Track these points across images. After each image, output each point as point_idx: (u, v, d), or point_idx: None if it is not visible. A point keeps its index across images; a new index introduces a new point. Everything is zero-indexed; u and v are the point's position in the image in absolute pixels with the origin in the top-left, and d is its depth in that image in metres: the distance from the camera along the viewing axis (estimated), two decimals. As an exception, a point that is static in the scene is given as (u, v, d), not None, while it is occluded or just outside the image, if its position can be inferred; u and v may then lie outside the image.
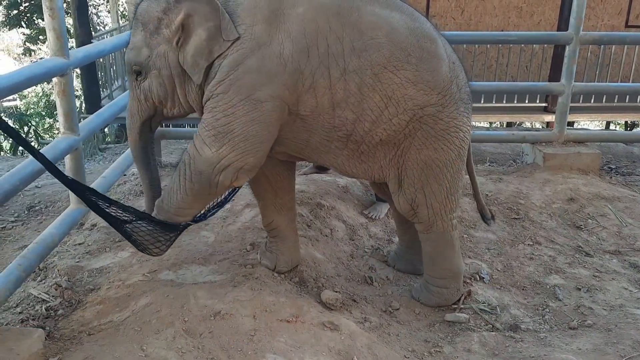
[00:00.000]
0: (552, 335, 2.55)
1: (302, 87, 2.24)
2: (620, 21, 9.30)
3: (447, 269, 2.67)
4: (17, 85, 2.23)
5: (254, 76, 2.18)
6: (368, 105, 2.30)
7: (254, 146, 2.24)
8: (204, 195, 2.36)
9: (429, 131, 2.39)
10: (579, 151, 4.14)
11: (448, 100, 2.38)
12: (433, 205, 2.52)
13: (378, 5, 2.32)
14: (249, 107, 2.18)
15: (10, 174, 2.25)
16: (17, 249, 3.15)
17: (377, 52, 2.25)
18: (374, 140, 2.38)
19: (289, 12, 2.22)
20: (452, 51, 2.47)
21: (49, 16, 2.54)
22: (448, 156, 2.46)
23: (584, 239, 3.44)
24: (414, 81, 2.30)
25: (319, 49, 2.22)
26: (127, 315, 2.30)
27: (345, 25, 2.24)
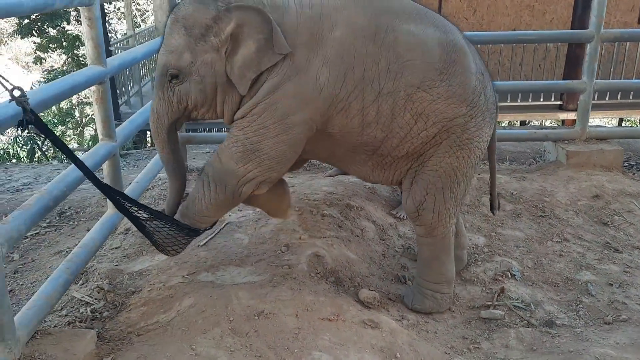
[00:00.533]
0: (587, 330, 2.58)
1: (335, 109, 2.30)
2: (633, 18, 9.30)
3: (442, 274, 2.68)
4: (62, 94, 2.30)
5: (290, 101, 2.24)
6: (398, 124, 2.35)
7: (279, 164, 2.35)
8: (227, 205, 2.47)
9: (455, 140, 2.43)
10: (601, 148, 4.16)
11: (476, 111, 2.42)
12: (439, 211, 2.54)
13: (413, 22, 2.33)
14: (280, 130, 2.26)
15: (57, 180, 2.31)
16: (53, 254, 3.22)
17: (411, 74, 2.29)
18: (400, 154, 2.45)
19: (327, 36, 2.23)
20: (481, 61, 2.50)
21: (87, 26, 2.59)
22: (467, 165, 2.49)
23: (611, 235, 3.46)
24: (446, 96, 2.34)
25: (354, 73, 2.25)
26: (172, 316, 2.35)
27: (382, 48, 2.26)
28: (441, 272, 2.67)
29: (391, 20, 2.30)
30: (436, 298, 2.68)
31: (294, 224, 3.18)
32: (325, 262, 2.82)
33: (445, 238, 2.61)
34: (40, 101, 2.05)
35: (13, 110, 1.80)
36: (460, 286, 2.92)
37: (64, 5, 2.27)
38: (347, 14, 2.27)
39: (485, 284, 2.95)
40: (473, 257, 3.16)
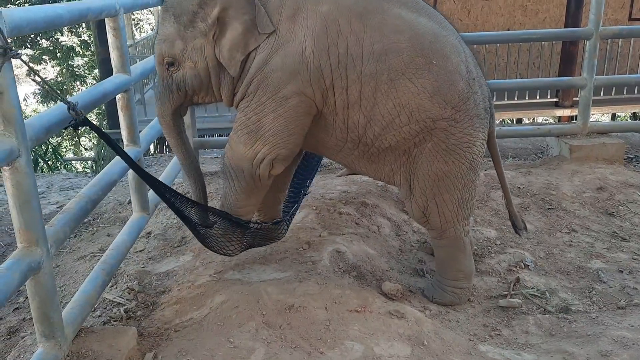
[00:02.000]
0: (602, 315, 2.68)
1: (324, 84, 2.29)
2: (623, 15, 9.48)
3: (459, 271, 2.71)
4: (96, 101, 2.38)
5: (279, 74, 2.26)
6: (380, 111, 2.31)
7: (284, 139, 2.36)
8: (252, 190, 2.52)
9: (439, 144, 2.40)
10: (603, 142, 4.29)
11: (462, 116, 2.37)
12: (445, 214, 2.55)
13: (406, 8, 2.31)
14: (276, 104, 2.29)
15: (92, 184, 2.39)
16: (77, 259, 3.30)
17: (396, 56, 2.24)
18: (383, 145, 2.41)
19: (312, 9, 2.26)
20: (475, 65, 2.46)
21: (113, 36, 2.68)
22: (459, 169, 2.46)
23: (617, 225, 3.58)
24: (432, 92, 2.28)
25: (338, 49, 2.24)
26: (206, 312, 2.44)
27: (367, 27, 2.24)
28: (459, 269, 2.70)
29: (381, 3, 2.28)
30: (456, 293, 2.74)
31: (313, 222, 3.28)
32: (346, 257, 2.91)
33: (458, 239, 2.63)
34: (83, 107, 2.14)
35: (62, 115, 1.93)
36: (477, 277, 3.01)
37: (94, 16, 2.36)
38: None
39: (501, 274, 3.05)
40: (487, 249, 3.27)
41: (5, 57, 1.58)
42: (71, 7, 2.11)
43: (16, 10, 1.70)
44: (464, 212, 2.59)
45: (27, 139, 1.75)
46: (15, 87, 1.67)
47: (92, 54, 15.76)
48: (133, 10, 3.07)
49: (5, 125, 1.66)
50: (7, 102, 1.64)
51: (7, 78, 1.62)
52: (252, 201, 2.59)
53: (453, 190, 2.50)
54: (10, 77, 1.64)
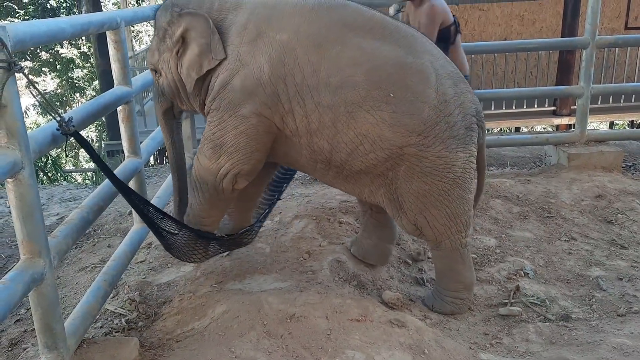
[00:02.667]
0: (602, 322, 2.69)
1: (283, 109, 2.33)
2: (619, 24, 9.55)
3: (459, 281, 2.69)
4: (96, 113, 2.40)
5: (238, 95, 2.34)
6: (342, 139, 2.32)
7: (246, 156, 2.41)
8: (216, 201, 2.59)
9: (413, 168, 2.37)
10: (601, 150, 4.32)
11: (432, 141, 2.32)
12: (437, 227, 2.53)
13: (370, 37, 2.30)
14: (237, 122, 2.36)
15: (93, 196, 2.41)
16: (78, 271, 3.31)
17: (352, 90, 2.24)
18: (353, 169, 2.41)
19: (273, 37, 2.30)
20: (454, 84, 2.38)
21: (114, 48, 2.71)
22: (441, 187, 2.42)
23: (616, 232, 3.59)
24: (390, 123, 2.27)
25: (295, 79, 2.28)
26: (207, 322, 2.45)
27: (324, 59, 2.25)
28: (458, 280, 2.69)
29: (343, 33, 2.29)
30: (456, 303, 2.74)
31: (313, 232, 3.29)
32: (346, 267, 2.93)
33: (454, 250, 2.60)
34: (81, 120, 2.17)
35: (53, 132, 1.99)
36: (477, 286, 3.02)
37: (96, 29, 2.40)
38: (298, 20, 2.31)
39: (501, 282, 3.06)
40: (486, 258, 3.28)
41: (9, 72, 1.60)
42: (73, 20, 2.14)
43: (20, 25, 1.73)
44: (458, 226, 2.55)
45: (31, 152, 1.77)
46: (19, 100, 1.69)
47: (91, 65, 15.83)
48: (133, 23, 3.11)
49: (8, 138, 1.68)
50: (10, 115, 1.66)
51: (11, 91, 1.64)
52: (215, 212, 2.66)
53: (440, 206, 2.47)
54: (14, 90, 1.67)
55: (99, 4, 8.45)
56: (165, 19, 2.47)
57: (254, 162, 2.45)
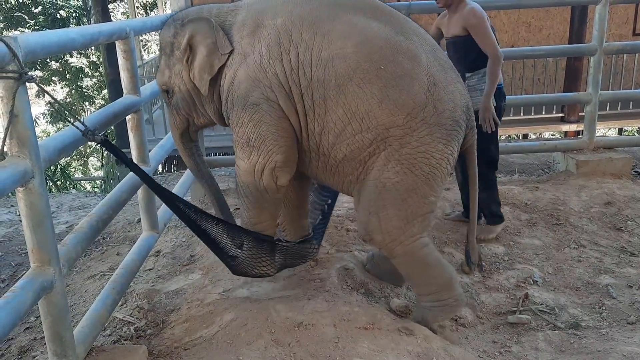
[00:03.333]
0: (612, 330, 2.68)
1: (284, 90, 2.34)
2: (627, 30, 9.51)
3: (429, 284, 2.51)
4: (106, 122, 2.42)
5: (244, 85, 2.38)
6: (331, 117, 2.29)
7: (272, 143, 2.39)
8: (263, 203, 2.55)
9: (392, 154, 2.28)
10: (610, 157, 4.30)
11: (419, 124, 2.25)
12: (389, 231, 2.37)
13: (361, 14, 2.31)
14: (251, 112, 2.37)
15: (102, 204, 2.43)
16: (87, 279, 3.32)
17: (342, 62, 2.23)
18: (338, 155, 2.36)
19: (269, 23, 2.37)
20: (445, 71, 2.34)
21: (123, 58, 2.74)
22: (412, 181, 2.30)
23: (626, 239, 3.57)
24: (380, 98, 2.22)
25: (290, 57, 2.30)
26: (215, 330, 2.45)
27: (316, 35, 2.28)
28: (427, 282, 2.51)
29: (335, 11, 2.32)
30: (436, 307, 2.52)
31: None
32: (354, 274, 2.92)
33: (409, 254, 2.43)
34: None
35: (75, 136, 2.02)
36: (485, 293, 3.01)
37: (105, 39, 2.42)
38: (292, 6, 2.37)
39: (509, 290, 3.05)
40: (495, 265, 3.27)
41: (20, 81, 1.62)
42: (83, 31, 2.17)
43: (31, 36, 1.75)
44: (414, 228, 2.38)
45: (41, 160, 1.78)
46: (30, 110, 1.71)
47: (100, 75, 15.99)
48: (142, 32, 3.13)
49: (19, 147, 1.70)
50: (21, 125, 1.68)
51: (22, 101, 1.66)
52: (266, 216, 2.59)
53: (401, 204, 2.33)
54: (25, 100, 1.69)
55: (108, 14, 8.54)
56: (170, 33, 2.53)
57: (284, 150, 2.41)
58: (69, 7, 15.56)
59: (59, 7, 15.34)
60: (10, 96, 1.63)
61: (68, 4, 15.66)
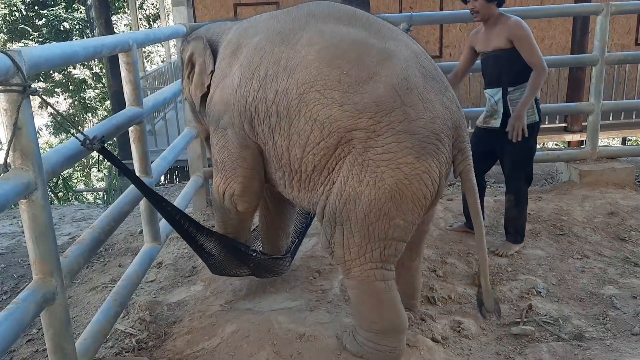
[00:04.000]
0: (617, 342, 2.65)
1: (251, 112, 2.29)
2: (630, 40, 9.53)
3: (373, 321, 2.26)
4: (110, 134, 2.43)
5: (218, 107, 2.45)
6: (295, 129, 2.17)
7: (232, 172, 2.44)
8: (227, 221, 2.68)
9: (357, 157, 2.08)
10: (613, 167, 4.29)
11: (384, 128, 2.04)
12: (350, 247, 2.17)
13: (335, 22, 2.21)
14: (219, 136, 2.45)
15: (104, 215, 2.42)
16: (89, 290, 3.32)
17: (304, 70, 2.12)
18: (308, 168, 2.21)
19: (248, 42, 2.39)
20: (422, 78, 2.11)
21: (126, 70, 2.75)
22: (374, 193, 2.07)
23: (630, 250, 3.56)
24: (341, 102, 2.06)
25: (260, 73, 2.26)
26: (217, 342, 2.44)
27: (286, 47, 2.21)
28: (372, 319, 2.26)
29: (309, 22, 2.24)
30: (369, 347, 2.28)
31: (323, 250, 3.28)
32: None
33: (369, 283, 2.21)
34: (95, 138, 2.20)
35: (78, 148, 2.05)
36: (489, 305, 2.99)
37: (108, 52, 2.44)
38: (272, 22, 2.37)
39: (513, 301, 3.03)
40: (498, 276, 3.25)
41: (24, 94, 1.63)
42: (86, 43, 2.18)
43: (35, 49, 1.76)
44: (376, 252, 2.16)
45: (44, 173, 1.79)
46: (33, 123, 1.72)
47: (103, 86, 16.06)
48: (145, 45, 3.15)
49: (22, 160, 1.70)
50: (25, 137, 1.69)
51: (26, 114, 1.67)
52: (229, 230, 2.71)
53: (363, 219, 2.11)
54: (29, 113, 1.69)
55: (112, 26, 8.60)
56: (182, 49, 2.72)
57: (241, 180, 2.44)
58: (73, 19, 15.66)
59: (62, 19, 15.45)
60: (14, 109, 1.64)
61: (71, 16, 15.77)
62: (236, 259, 2.66)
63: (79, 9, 16.12)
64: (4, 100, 1.64)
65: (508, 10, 3.37)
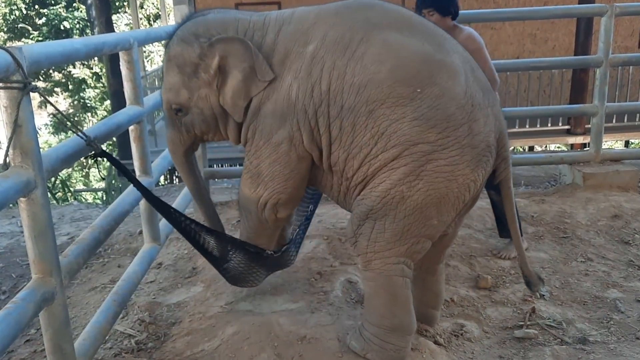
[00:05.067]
0: (621, 345, 2.63)
1: (310, 125, 2.22)
2: (633, 42, 9.52)
3: (383, 316, 2.27)
4: (109, 133, 2.41)
5: (270, 121, 2.26)
6: (358, 143, 2.15)
7: (281, 184, 2.34)
8: (262, 230, 2.52)
9: (415, 169, 2.10)
10: (617, 169, 4.26)
11: (451, 142, 2.08)
12: (376, 241, 2.19)
13: (397, 31, 2.17)
14: (270, 150, 2.28)
15: (104, 215, 2.41)
16: (88, 291, 3.29)
17: (376, 88, 2.09)
18: (359, 177, 2.22)
19: (300, 51, 2.22)
20: (485, 93, 2.19)
21: (127, 68, 2.73)
22: (422, 200, 2.12)
23: (633, 253, 3.53)
24: (412, 117, 2.08)
25: (321, 87, 2.17)
26: (217, 343, 2.42)
27: (350, 60, 2.14)
28: (383, 314, 2.28)
29: (369, 31, 2.16)
30: (374, 343, 2.29)
31: (324, 252, 3.27)
32: (358, 287, 2.89)
33: (388, 277, 2.23)
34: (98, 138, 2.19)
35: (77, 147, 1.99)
36: (492, 307, 2.97)
37: (109, 50, 2.42)
38: (324, 28, 2.21)
39: (516, 304, 3.00)
40: (501, 279, 3.23)
41: (24, 91, 1.61)
42: (87, 41, 2.16)
43: (35, 46, 1.74)
44: (401, 248, 2.19)
45: (44, 171, 1.76)
46: (33, 121, 1.70)
47: (103, 86, 16.06)
48: (146, 43, 3.13)
49: (22, 158, 1.68)
50: (25, 135, 1.67)
51: (26, 111, 1.65)
52: (263, 240, 2.57)
53: (401, 220, 2.15)
54: (29, 110, 1.67)
55: (112, 25, 8.57)
56: (194, 53, 2.30)
57: (290, 191, 2.37)
58: (73, 18, 15.66)
59: (62, 18, 15.44)
60: (15, 106, 1.62)
61: (72, 15, 15.77)
62: (249, 260, 2.56)
63: (79, 8, 16.13)
64: (4, 98, 1.62)
65: (512, 12, 3.36)
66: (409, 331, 2.30)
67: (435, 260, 2.56)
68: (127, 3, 15.96)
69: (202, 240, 2.43)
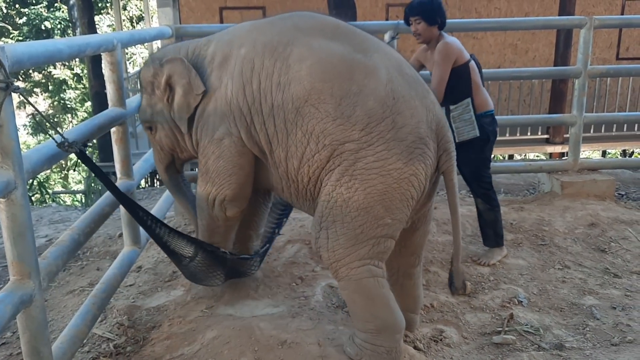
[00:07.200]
0: (596, 352, 2.67)
1: (246, 122, 2.36)
2: (611, 54, 9.71)
3: (367, 321, 2.29)
4: (91, 134, 2.39)
5: (212, 119, 2.43)
6: (292, 141, 2.25)
7: (225, 179, 2.47)
8: (214, 228, 2.66)
9: (347, 168, 2.16)
10: (594, 178, 4.34)
11: (375, 138, 2.14)
12: (335, 250, 2.23)
13: (320, 37, 2.30)
14: (214, 146, 2.44)
15: (84, 217, 2.39)
16: (66, 294, 3.26)
17: (298, 85, 2.21)
18: (304, 179, 2.30)
19: (235, 54, 2.40)
20: (407, 85, 2.23)
21: (110, 70, 2.72)
22: (363, 199, 2.15)
23: (609, 261, 3.59)
24: (334, 116, 2.16)
25: (252, 86, 2.32)
26: (197, 348, 2.41)
27: (277, 61, 2.28)
28: (365, 318, 2.30)
29: (295, 36, 2.31)
30: (366, 348, 2.29)
31: (305, 257, 3.28)
32: (339, 292, 2.90)
33: (357, 281, 2.24)
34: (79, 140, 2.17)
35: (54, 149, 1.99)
36: (470, 313, 3.00)
37: (93, 51, 2.40)
38: (256, 34, 2.40)
39: (494, 310, 3.04)
40: (480, 285, 3.26)
41: (7, 92, 1.59)
42: (71, 42, 2.14)
43: (18, 45, 1.72)
44: (361, 251, 2.21)
45: (24, 172, 1.75)
46: (15, 121, 1.68)
47: (84, 87, 15.89)
48: (130, 45, 3.11)
49: (3, 158, 1.66)
50: (5, 135, 1.65)
51: (7, 112, 1.63)
52: (218, 239, 2.69)
53: (350, 222, 2.18)
54: (10, 110, 1.66)
55: (94, 26, 8.49)
56: (150, 73, 2.59)
57: (234, 187, 2.49)
58: (54, 18, 15.48)
59: (44, 18, 15.26)
60: (-5, 106, 1.60)
61: (53, 15, 15.59)
62: (209, 260, 2.66)
63: (61, 9, 15.95)
64: (-15, 97, 1.60)
65: (493, 22, 3.41)
66: (397, 329, 2.30)
67: (411, 264, 2.60)
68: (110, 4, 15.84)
69: (165, 238, 2.51)
